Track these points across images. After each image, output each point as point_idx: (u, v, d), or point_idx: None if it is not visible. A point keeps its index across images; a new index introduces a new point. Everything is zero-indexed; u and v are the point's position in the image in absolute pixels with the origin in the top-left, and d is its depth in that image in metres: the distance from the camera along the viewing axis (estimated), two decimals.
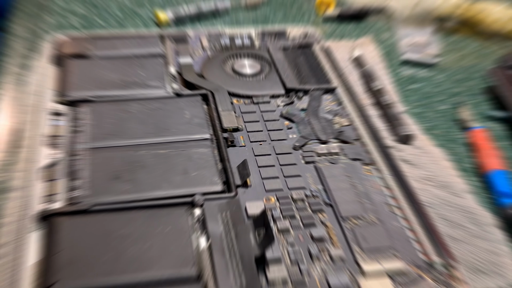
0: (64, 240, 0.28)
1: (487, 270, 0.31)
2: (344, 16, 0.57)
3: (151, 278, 0.27)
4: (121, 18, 0.54)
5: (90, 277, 0.26)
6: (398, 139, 0.40)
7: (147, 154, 0.34)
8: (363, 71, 0.47)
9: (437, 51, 0.53)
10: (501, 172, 0.37)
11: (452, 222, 0.34)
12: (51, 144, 0.35)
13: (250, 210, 0.31)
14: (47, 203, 0.31)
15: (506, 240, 0.34)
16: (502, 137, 0.43)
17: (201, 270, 0.27)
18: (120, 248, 0.28)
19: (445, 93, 0.48)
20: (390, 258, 0.30)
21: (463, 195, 0.36)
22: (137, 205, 0.31)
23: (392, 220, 0.32)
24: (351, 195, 0.33)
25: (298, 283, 0.28)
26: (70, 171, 0.33)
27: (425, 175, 0.37)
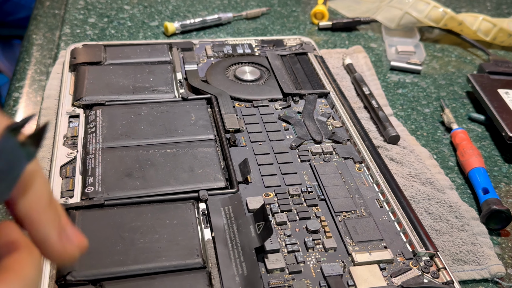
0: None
1: (468, 259, 0.31)
2: (337, 26, 0.57)
3: (160, 267, 0.27)
4: (132, 29, 0.54)
5: (103, 267, 0.26)
6: (386, 139, 0.40)
7: (156, 153, 0.34)
8: (354, 77, 0.47)
9: (422, 59, 0.53)
10: (480, 169, 0.37)
11: (436, 216, 0.34)
12: (69, 144, 0.35)
13: (250, 204, 0.31)
14: (64, 198, 0.31)
15: (485, 232, 0.34)
16: (482, 138, 0.43)
17: (206, 259, 0.27)
18: (131, 240, 0.28)
19: (429, 97, 0.48)
20: (378, 249, 0.30)
21: (446, 190, 0.36)
22: (147, 200, 0.31)
23: (381, 214, 0.32)
24: (343, 191, 0.33)
25: (294, 271, 0.28)
26: (85, 169, 0.33)
27: (411, 173, 0.37)
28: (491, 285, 0.31)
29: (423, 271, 0.28)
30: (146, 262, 0.27)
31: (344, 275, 0.28)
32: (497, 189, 0.38)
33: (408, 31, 0.57)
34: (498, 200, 0.35)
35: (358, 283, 0.27)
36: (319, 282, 0.27)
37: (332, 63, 0.50)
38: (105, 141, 0.35)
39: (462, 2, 0.66)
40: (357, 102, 0.45)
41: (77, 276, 0.25)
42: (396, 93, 0.48)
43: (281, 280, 0.27)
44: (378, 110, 0.42)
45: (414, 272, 0.28)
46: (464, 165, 0.38)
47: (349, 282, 0.27)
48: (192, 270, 0.27)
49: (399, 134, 0.40)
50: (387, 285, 0.27)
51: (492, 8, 0.65)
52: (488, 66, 0.49)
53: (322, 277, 0.28)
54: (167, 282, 0.26)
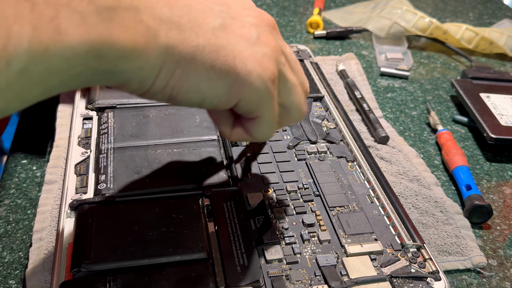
0: (92, 226, 0.28)
1: (452, 251, 0.31)
2: (331, 35, 0.57)
3: (167, 258, 0.26)
4: None
5: (114, 258, 0.26)
6: (376, 139, 0.40)
7: (163, 152, 0.34)
8: (347, 82, 0.47)
9: (410, 65, 0.53)
10: (463, 168, 0.37)
11: (422, 210, 0.34)
12: (83, 144, 0.35)
13: (251, 200, 0.31)
14: (79, 194, 0.31)
15: (468, 225, 0.34)
16: (465, 138, 0.43)
17: (210, 251, 0.27)
18: (140, 233, 0.28)
19: (416, 101, 0.48)
20: (369, 241, 0.30)
21: (432, 187, 0.36)
22: (155, 196, 0.30)
23: (372, 209, 0.32)
24: (337, 187, 0.33)
25: (291, 261, 0.28)
26: (98, 167, 0.33)
27: (399, 170, 0.37)
28: (474, 274, 0.31)
29: (410, 261, 0.28)
30: (154, 253, 0.27)
31: (338, 265, 0.28)
32: (479, 186, 0.38)
33: (397, 40, 0.57)
34: (480, 196, 0.34)
35: (351, 272, 0.27)
36: (314, 272, 0.27)
37: (327, 69, 0.50)
38: (116, 141, 0.35)
39: (447, 13, 0.66)
40: (349, 105, 0.45)
41: (90, 267, 0.25)
42: (386, 97, 0.48)
43: (279, 270, 0.27)
44: (369, 113, 0.42)
45: (402, 262, 0.28)
46: (448, 163, 0.38)
47: (342, 272, 0.27)
48: (197, 261, 0.27)
49: (388, 135, 0.40)
50: (377, 274, 0.27)
51: (475, 18, 0.65)
52: (470, 72, 0.49)
53: (317, 267, 0.28)
54: (174, 272, 0.26)
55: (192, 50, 0.21)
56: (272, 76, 0.23)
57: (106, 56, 0.19)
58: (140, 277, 0.25)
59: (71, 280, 0.25)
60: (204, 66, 0.21)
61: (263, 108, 0.24)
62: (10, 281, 0.28)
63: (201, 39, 0.21)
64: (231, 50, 0.22)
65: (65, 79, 0.18)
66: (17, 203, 0.33)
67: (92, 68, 0.19)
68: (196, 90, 0.22)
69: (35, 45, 0.16)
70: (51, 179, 0.34)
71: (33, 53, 0.16)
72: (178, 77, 0.21)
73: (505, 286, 0.30)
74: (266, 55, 0.23)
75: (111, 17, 0.18)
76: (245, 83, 0.22)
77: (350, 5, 0.65)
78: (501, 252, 0.33)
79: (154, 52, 0.20)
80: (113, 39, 0.18)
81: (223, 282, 0.26)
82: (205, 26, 0.22)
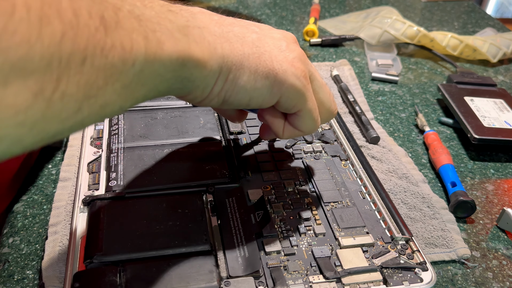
0: (104, 220, 0.28)
1: (438, 243, 0.31)
2: (326, 43, 0.57)
3: (173, 251, 0.26)
4: None
5: (124, 250, 0.26)
6: (368, 140, 0.40)
7: (170, 152, 0.34)
8: (340, 87, 0.47)
9: (399, 71, 0.53)
10: (449, 166, 0.37)
11: (411, 206, 0.34)
12: (95, 144, 0.35)
13: (251, 196, 0.31)
14: (91, 190, 0.31)
15: (453, 220, 0.34)
16: (450, 139, 0.43)
17: (213, 243, 0.27)
18: (148, 227, 0.28)
19: (405, 104, 0.48)
20: (361, 234, 0.30)
21: (419, 184, 0.36)
22: (162, 192, 0.30)
23: (363, 204, 0.32)
24: (331, 184, 0.33)
25: (289, 253, 0.28)
26: (109, 165, 0.33)
27: (389, 168, 0.37)
28: (458, 265, 0.31)
29: (399, 253, 0.28)
30: (161, 245, 0.27)
31: (332, 256, 0.28)
32: (464, 183, 0.38)
33: (387, 47, 0.57)
34: (464, 192, 0.34)
35: (344, 263, 0.27)
36: (310, 263, 0.27)
37: (322, 74, 0.50)
38: (126, 141, 0.35)
39: (433, 22, 0.66)
40: (343, 108, 0.45)
41: (101, 258, 0.25)
42: (377, 100, 0.48)
43: (277, 261, 0.27)
44: (361, 115, 0.42)
45: (392, 254, 0.28)
46: (435, 162, 0.38)
47: (336, 262, 0.27)
48: (201, 253, 0.27)
49: (379, 136, 0.40)
50: (369, 265, 0.27)
51: (459, 27, 0.65)
52: (455, 77, 0.49)
53: (313, 258, 0.28)
54: (179, 263, 0.26)
55: (240, 58, 0.24)
56: (303, 73, 0.26)
57: (187, 64, 0.21)
58: (148, 267, 0.25)
59: (84, 270, 0.25)
60: (250, 70, 0.24)
61: (301, 102, 0.26)
62: (28, 271, 0.28)
63: (246, 48, 0.24)
64: (269, 55, 0.25)
65: (158, 83, 0.21)
66: (34, 199, 0.33)
67: (177, 75, 0.21)
68: (245, 91, 0.24)
69: (148, 51, 0.19)
70: (66, 177, 0.34)
71: (147, 57, 0.19)
72: (231, 82, 0.24)
73: (488, 276, 0.30)
74: (295, 58, 0.26)
75: (186, 33, 0.21)
76: (283, 81, 0.25)
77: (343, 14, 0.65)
78: (484, 244, 0.33)
79: (215, 62, 0.23)
80: (191, 51, 0.21)
81: (225, 272, 0.26)
82: (246, 39, 0.25)
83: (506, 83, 0.53)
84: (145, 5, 0.21)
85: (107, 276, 0.24)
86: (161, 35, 0.20)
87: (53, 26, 0.15)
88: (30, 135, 0.16)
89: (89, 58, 0.16)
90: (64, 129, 0.17)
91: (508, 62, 0.57)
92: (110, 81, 0.18)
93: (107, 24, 0.17)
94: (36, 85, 0.15)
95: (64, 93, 0.16)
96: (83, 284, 0.24)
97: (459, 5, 0.71)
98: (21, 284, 0.28)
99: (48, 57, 0.15)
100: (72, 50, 0.16)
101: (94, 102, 0.17)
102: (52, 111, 0.16)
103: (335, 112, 0.29)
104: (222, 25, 0.24)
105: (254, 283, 0.25)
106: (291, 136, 0.29)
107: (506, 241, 0.33)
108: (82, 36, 0.16)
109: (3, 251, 0.29)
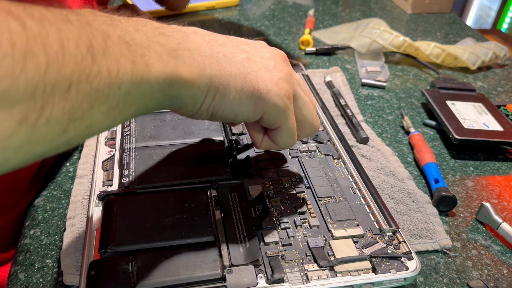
0: (117, 214, 0.28)
1: (422, 235, 0.31)
2: (320, 51, 0.57)
3: (180, 242, 0.26)
4: None
5: (136, 241, 0.26)
6: (358, 140, 0.40)
7: (177, 151, 0.34)
8: (333, 92, 0.47)
9: (386, 77, 0.53)
10: (432, 164, 0.37)
11: (397, 200, 0.34)
12: (109, 144, 0.35)
13: (251, 191, 0.31)
14: (105, 186, 0.31)
15: (436, 213, 0.34)
16: (433, 139, 0.43)
17: (217, 235, 0.27)
18: (157, 220, 0.28)
19: (392, 107, 0.48)
20: (352, 226, 0.30)
21: (405, 181, 0.36)
22: (170, 188, 0.30)
23: (354, 199, 0.32)
24: (325, 181, 0.33)
25: (286, 244, 0.28)
26: (121, 163, 0.33)
27: (377, 166, 0.37)
28: (441, 255, 0.31)
29: (387, 243, 0.28)
30: (169, 237, 0.27)
31: (325, 247, 0.28)
32: (446, 179, 0.38)
33: (376, 55, 0.57)
34: (446, 188, 0.35)
35: (337, 253, 0.27)
36: (305, 253, 0.27)
37: (316, 80, 0.50)
38: (137, 141, 0.35)
39: (418, 32, 0.66)
40: (335, 111, 0.45)
41: (115, 248, 0.26)
42: (366, 104, 0.48)
43: (275, 251, 0.27)
44: (352, 117, 0.42)
45: (380, 244, 0.28)
46: (419, 160, 0.38)
47: (329, 252, 0.27)
48: (206, 244, 0.27)
49: (368, 136, 0.40)
50: (359, 254, 0.27)
51: (442, 37, 0.65)
52: (438, 83, 0.49)
53: (308, 248, 0.28)
54: (186, 253, 0.26)
55: (227, 78, 0.23)
56: (287, 93, 0.25)
57: (174, 84, 0.21)
58: (157, 256, 0.25)
59: (99, 259, 0.25)
60: (236, 89, 0.24)
61: (282, 119, 0.26)
62: (47, 260, 0.28)
63: (233, 69, 0.24)
64: (255, 76, 0.24)
65: (148, 102, 0.20)
66: (53, 194, 0.33)
67: (165, 94, 0.21)
68: (231, 108, 0.24)
69: (135, 74, 0.18)
70: (82, 174, 0.34)
71: (133, 81, 0.18)
72: (218, 100, 0.24)
73: (468, 264, 0.30)
74: (281, 78, 0.25)
75: (176, 56, 0.21)
76: (266, 100, 0.25)
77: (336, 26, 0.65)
78: (464, 235, 0.33)
79: (203, 81, 0.23)
80: (179, 72, 0.21)
81: (228, 261, 0.26)
82: (235, 59, 0.24)
83: (485, 88, 0.53)
84: (138, 29, 0.20)
85: (120, 265, 0.25)
86: (149, 58, 0.19)
87: (38, 58, 0.14)
88: (16, 157, 0.15)
89: (74, 85, 0.16)
90: (51, 149, 0.17)
91: (486, 69, 0.57)
92: (96, 104, 0.17)
93: (95, 51, 0.17)
94: (20, 114, 0.14)
95: (49, 118, 0.15)
96: (98, 272, 0.24)
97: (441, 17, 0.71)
98: (41, 272, 0.28)
99: (32, 88, 0.14)
100: (57, 79, 0.15)
101: (80, 124, 0.17)
102: (37, 135, 0.15)
103: (317, 128, 0.29)
104: (213, 46, 0.24)
105: (254, 271, 0.26)
106: (268, 148, 0.29)
107: (484, 233, 0.33)
108: (67, 66, 0.15)
109: (25, 242, 0.30)
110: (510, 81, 0.54)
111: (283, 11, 0.68)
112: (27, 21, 0.14)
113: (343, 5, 0.73)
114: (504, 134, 0.40)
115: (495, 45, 0.57)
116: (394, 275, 0.26)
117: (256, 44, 0.27)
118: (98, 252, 0.26)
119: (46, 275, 0.27)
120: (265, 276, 0.25)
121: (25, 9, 0.15)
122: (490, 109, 0.44)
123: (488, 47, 0.56)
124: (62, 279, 0.26)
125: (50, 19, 0.16)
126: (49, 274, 0.27)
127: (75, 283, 0.26)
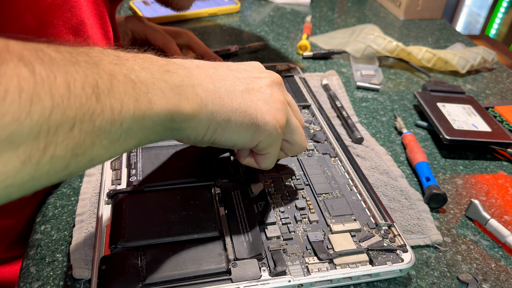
0: (126, 211, 0.28)
1: (414, 230, 0.32)
2: (317, 56, 0.57)
3: (187, 237, 0.27)
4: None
5: (144, 237, 0.26)
6: (353, 140, 0.41)
7: (183, 152, 0.34)
8: (329, 94, 0.47)
9: (380, 80, 0.53)
10: (424, 163, 0.38)
11: (391, 197, 0.34)
12: None
13: (253, 189, 0.32)
14: (114, 185, 0.31)
15: (428, 210, 0.34)
16: (425, 139, 0.44)
17: (221, 230, 0.28)
18: (164, 216, 0.28)
19: (385, 109, 0.48)
20: (349, 221, 0.30)
21: (398, 179, 0.37)
22: (176, 186, 0.31)
23: (351, 195, 0.32)
24: (323, 178, 0.34)
25: (287, 238, 0.28)
26: (129, 163, 0.33)
27: (372, 165, 0.38)
28: (432, 249, 0.31)
29: (383, 237, 0.29)
30: (176, 232, 0.27)
31: (325, 241, 0.28)
32: (437, 178, 0.39)
33: (370, 59, 0.57)
34: (437, 186, 0.35)
35: (335, 246, 0.28)
36: (305, 246, 0.28)
37: (313, 83, 0.50)
38: None
39: (410, 38, 0.66)
40: (331, 112, 0.45)
41: (124, 244, 0.26)
42: (361, 105, 0.48)
43: (277, 245, 0.28)
44: (347, 119, 0.43)
45: (376, 238, 0.29)
46: (411, 159, 0.39)
47: (328, 246, 0.28)
48: (211, 239, 0.27)
49: (363, 137, 0.41)
50: (357, 248, 0.28)
51: (433, 42, 0.66)
52: (429, 86, 0.49)
53: (308, 242, 0.28)
54: (192, 248, 0.26)
55: (228, 113, 0.24)
56: (282, 124, 0.26)
57: (176, 119, 0.21)
58: (165, 251, 0.26)
59: (109, 254, 0.26)
60: (236, 123, 0.24)
61: (272, 147, 0.27)
62: (57, 254, 0.29)
63: (235, 104, 0.24)
64: (254, 108, 0.25)
65: (149, 134, 0.20)
66: (63, 192, 0.34)
67: (166, 127, 0.21)
68: (230, 140, 0.25)
69: (137, 111, 0.19)
70: (91, 172, 0.34)
71: (135, 117, 0.19)
72: (219, 133, 0.24)
73: (457, 259, 0.31)
74: (278, 109, 0.26)
75: (179, 92, 0.21)
76: (263, 131, 0.25)
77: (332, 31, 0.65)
78: (454, 231, 0.33)
79: (204, 116, 0.23)
80: (181, 107, 0.21)
81: (232, 255, 0.26)
82: (235, 92, 0.25)
83: (474, 91, 0.53)
84: (143, 67, 0.20)
85: (130, 259, 0.25)
86: (153, 95, 0.20)
87: (44, 103, 0.14)
88: (19, 192, 0.15)
89: (78, 125, 0.16)
90: (53, 182, 0.17)
91: (475, 73, 0.57)
92: (98, 140, 0.17)
93: (100, 91, 0.17)
94: (25, 154, 0.14)
95: (52, 156, 0.15)
96: (109, 267, 0.24)
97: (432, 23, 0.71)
98: (52, 265, 0.28)
99: (36, 130, 0.14)
100: (61, 120, 0.15)
101: (82, 159, 0.17)
102: (40, 172, 0.15)
103: (305, 148, 0.30)
104: (216, 81, 0.24)
105: (258, 264, 0.26)
106: (248, 165, 0.29)
107: (473, 229, 0.33)
108: (72, 107, 0.15)
109: (36, 237, 0.30)
110: (497, 84, 0.55)
111: (281, 18, 0.69)
112: (36, 67, 0.14)
113: (339, 11, 0.74)
114: (492, 135, 0.41)
115: (483, 50, 0.57)
116: (390, 266, 0.27)
117: (254, 70, 0.27)
118: (109, 247, 0.26)
119: (56, 269, 0.27)
120: (268, 269, 0.26)
121: (36, 53, 0.15)
122: (479, 111, 0.45)
123: (477, 51, 0.57)
124: (72, 273, 0.26)
125: (59, 61, 0.16)
126: (59, 268, 0.28)
127: (84, 276, 0.26)
